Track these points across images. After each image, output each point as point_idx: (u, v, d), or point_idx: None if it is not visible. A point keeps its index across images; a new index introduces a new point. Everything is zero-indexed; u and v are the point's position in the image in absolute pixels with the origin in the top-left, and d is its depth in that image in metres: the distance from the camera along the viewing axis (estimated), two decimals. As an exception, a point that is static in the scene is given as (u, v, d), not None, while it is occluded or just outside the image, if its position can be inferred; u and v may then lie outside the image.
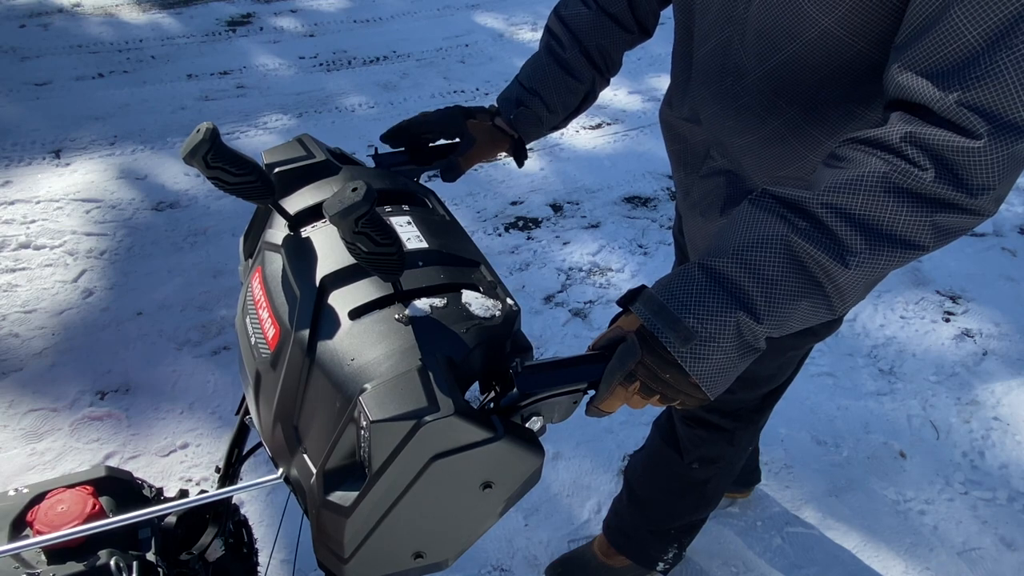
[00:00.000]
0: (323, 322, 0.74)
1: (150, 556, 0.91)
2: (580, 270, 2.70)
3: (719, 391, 0.78)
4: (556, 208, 3.04)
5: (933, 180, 0.68)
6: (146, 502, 0.99)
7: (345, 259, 0.78)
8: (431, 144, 1.16)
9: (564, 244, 2.83)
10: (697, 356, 0.74)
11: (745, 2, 0.88)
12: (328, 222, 0.67)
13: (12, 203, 2.86)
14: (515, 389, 0.73)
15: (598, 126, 3.65)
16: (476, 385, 0.78)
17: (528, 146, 1.23)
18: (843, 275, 0.72)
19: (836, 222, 0.71)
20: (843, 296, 0.74)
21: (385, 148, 1.14)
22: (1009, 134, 0.66)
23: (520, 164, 1.23)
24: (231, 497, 1.04)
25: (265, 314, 0.79)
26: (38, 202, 2.87)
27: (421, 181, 1.16)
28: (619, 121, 3.69)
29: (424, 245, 0.82)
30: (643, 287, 0.79)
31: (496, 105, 1.21)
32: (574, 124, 3.62)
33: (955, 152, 0.67)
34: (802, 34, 0.84)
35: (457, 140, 1.16)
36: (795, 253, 0.72)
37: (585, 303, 2.55)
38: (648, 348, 0.75)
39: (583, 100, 1.20)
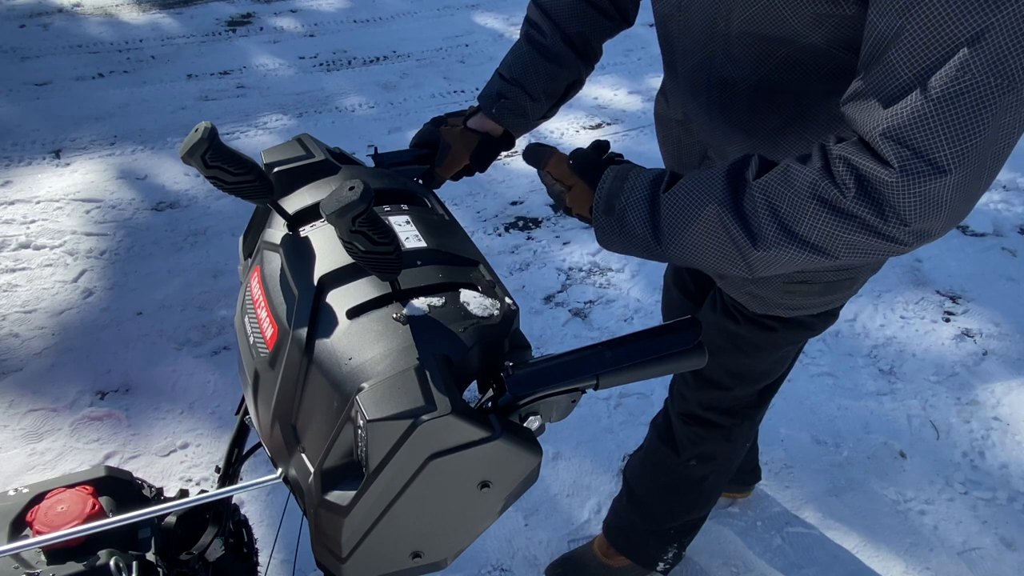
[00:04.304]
0: (321, 321, 0.74)
1: (150, 556, 0.91)
2: (580, 270, 2.70)
3: (608, 248, 0.93)
4: (556, 208, 3.04)
5: (853, 199, 0.72)
6: (146, 502, 0.99)
7: (343, 258, 0.78)
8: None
9: (564, 244, 2.83)
10: (602, 227, 0.90)
11: (725, 19, 0.88)
12: (327, 221, 0.67)
13: (12, 203, 2.86)
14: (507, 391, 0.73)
15: (598, 126, 3.65)
16: (475, 384, 0.78)
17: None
18: (751, 254, 0.80)
19: (761, 208, 0.77)
20: (752, 268, 0.82)
21: (385, 147, 1.14)
22: (923, 171, 0.68)
23: (483, 168, 1.18)
24: (231, 497, 1.04)
25: (264, 313, 0.79)
26: (38, 202, 2.87)
27: None
28: (619, 121, 3.69)
29: (422, 244, 0.82)
30: (621, 164, 0.92)
31: (475, 105, 1.20)
32: (574, 124, 3.62)
33: (874, 180, 0.70)
34: (788, 45, 0.84)
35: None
36: (719, 226, 0.80)
37: (585, 303, 2.55)
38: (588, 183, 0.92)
39: (569, 87, 1.18)
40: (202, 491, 0.89)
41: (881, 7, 0.68)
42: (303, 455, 0.75)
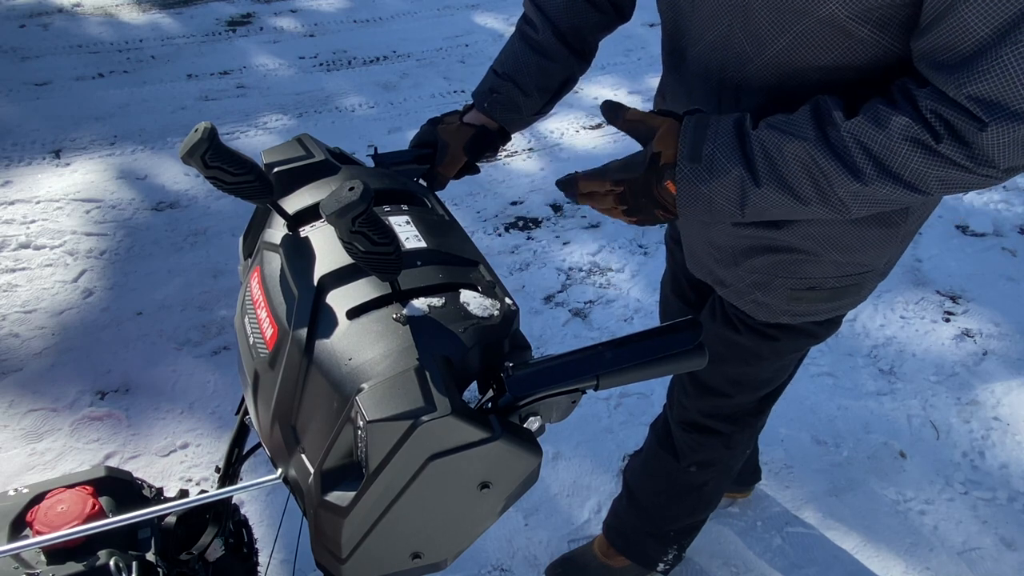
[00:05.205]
0: (321, 322, 0.74)
1: (150, 556, 0.91)
2: (580, 270, 2.70)
3: (686, 214, 0.91)
4: (556, 208, 3.04)
5: (946, 144, 0.76)
6: (146, 502, 0.99)
7: (343, 259, 0.78)
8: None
9: (564, 244, 2.83)
10: (688, 177, 0.88)
11: None
12: (326, 221, 0.67)
13: (12, 203, 2.86)
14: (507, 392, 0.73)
15: (598, 126, 3.65)
16: (475, 385, 0.78)
17: (528, 146, 1.23)
18: (844, 190, 0.82)
19: (853, 147, 0.80)
20: (847, 207, 0.84)
21: (385, 147, 1.13)
22: (1013, 121, 0.72)
23: (476, 158, 1.17)
24: (231, 497, 1.04)
25: (263, 314, 0.79)
26: (38, 202, 2.87)
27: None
28: (619, 121, 3.69)
29: (422, 244, 0.82)
30: (700, 112, 0.92)
31: (470, 103, 1.20)
32: (574, 124, 3.62)
33: (965, 131, 0.74)
34: (807, 16, 0.83)
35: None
36: (813, 160, 0.82)
37: (585, 303, 2.55)
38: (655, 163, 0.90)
39: (563, 83, 1.17)
40: (202, 491, 0.89)
41: None
42: (303, 455, 0.75)
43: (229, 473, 1.02)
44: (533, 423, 0.75)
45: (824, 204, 0.85)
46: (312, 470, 0.72)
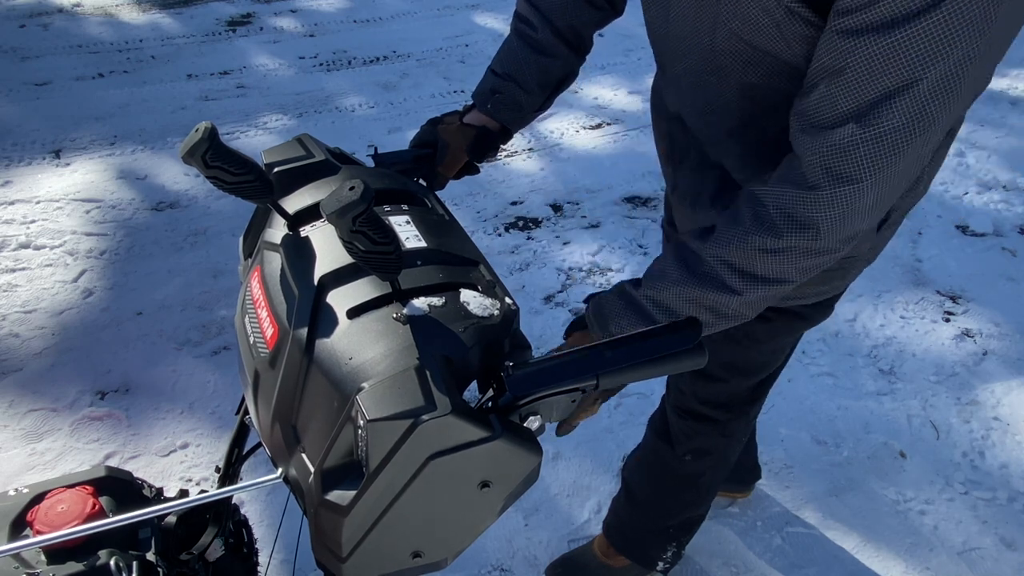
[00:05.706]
0: (321, 321, 0.74)
1: (150, 556, 0.91)
2: (580, 270, 2.70)
3: None
4: (556, 208, 3.04)
5: (788, 234, 0.84)
6: (146, 502, 0.99)
7: (344, 258, 0.78)
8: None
9: (564, 244, 2.83)
10: None
11: (710, 32, 0.89)
12: (327, 221, 0.67)
13: (12, 203, 2.86)
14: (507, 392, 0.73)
15: (598, 126, 3.65)
16: (475, 384, 0.78)
17: (528, 146, 1.24)
18: (730, 306, 0.91)
19: (722, 268, 0.89)
20: (739, 316, 0.93)
21: (385, 147, 1.14)
22: (848, 192, 0.80)
23: (479, 159, 1.19)
24: (231, 497, 1.04)
25: (264, 313, 0.79)
26: (38, 202, 2.88)
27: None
28: (619, 121, 3.69)
29: (422, 244, 0.82)
30: (594, 296, 1.03)
31: (470, 103, 1.20)
32: (574, 124, 3.62)
33: (804, 212, 0.82)
34: (770, 56, 0.86)
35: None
36: (692, 295, 0.91)
37: (585, 303, 2.55)
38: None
39: (562, 79, 1.19)
40: (202, 491, 0.89)
41: (830, 43, 0.76)
42: (303, 455, 0.75)
43: (229, 473, 1.02)
44: (533, 422, 0.75)
45: (726, 320, 0.93)
46: (312, 469, 0.73)
